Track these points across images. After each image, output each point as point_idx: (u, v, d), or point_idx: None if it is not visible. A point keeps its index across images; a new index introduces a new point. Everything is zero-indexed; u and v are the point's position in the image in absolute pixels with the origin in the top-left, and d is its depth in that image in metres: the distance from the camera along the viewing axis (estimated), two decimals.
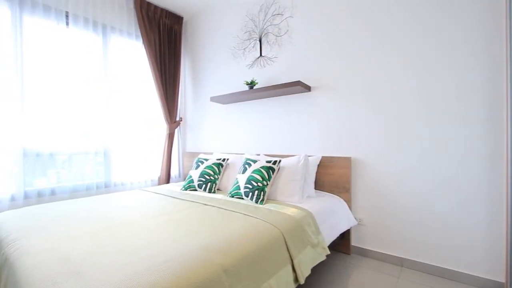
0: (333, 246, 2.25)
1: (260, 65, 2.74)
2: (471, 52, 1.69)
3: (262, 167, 2.02)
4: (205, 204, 1.89)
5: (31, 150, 2.32)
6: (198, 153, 3.33)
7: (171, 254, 1.06)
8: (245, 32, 2.87)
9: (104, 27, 2.81)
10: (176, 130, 3.49)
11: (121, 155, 2.93)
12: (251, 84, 2.58)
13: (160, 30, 3.21)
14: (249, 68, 2.84)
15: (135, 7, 2.98)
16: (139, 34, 3.06)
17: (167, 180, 3.28)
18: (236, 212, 1.68)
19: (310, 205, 1.86)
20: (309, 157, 2.25)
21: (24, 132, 2.26)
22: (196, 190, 2.40)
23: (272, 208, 1.75)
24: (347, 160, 2.15)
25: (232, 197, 2.09)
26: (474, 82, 1.69)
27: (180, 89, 3.55)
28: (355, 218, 2.17)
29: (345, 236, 2.21)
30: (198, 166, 2.51)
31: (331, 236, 1.83)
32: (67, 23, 2.54)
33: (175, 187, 2.63)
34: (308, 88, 2.35)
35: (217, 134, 3.21)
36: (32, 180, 2.35)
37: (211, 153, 3.17)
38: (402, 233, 1.97)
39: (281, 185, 2.02)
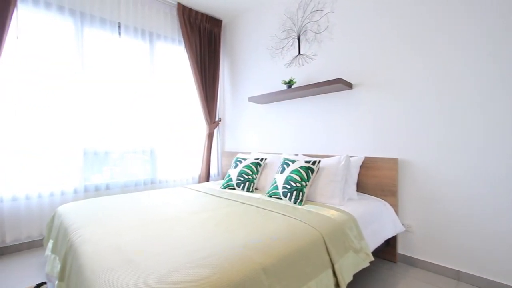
0: (377, 253, 2.11)
1: (299, 64, 2.69)
2: None
3: (301, 167, 1.98)
4: (244, 203, 1.91)
5: (89, 149, 2.59)
6: (237, 153, 3.39)
7: (213, 250, 1.09)
8: (283, 31, 2.85)
9: (150, 35, 3.02)
10: (215, 130, 3.61)
11: (165, 154, 3.13)
12: (289, 83, 2.55)
13: (201, 34, 3.34)
14: (287, 67, 2.81)
15: (178, 14, 3.14)
16: (182, 39, 3.23)
17: (207, 178, 3.41)
18: (274, 212, 1.67)
19: (352, 208, 1.77)
20: (350, 158, 2.15)
21: (84, 134, 2.54)
22: (234, 188, 2.45)
23: (311, 210, 1.71)
24: (394, 161, 2.00)
25: (270, 197, 2.09)
26: None
27: (219, 90, 3.66)
28: (403, 224, 2.01)
29: (390, 243, 2.06)
30: (236, 166, 2.56)
31: (375, 242, 1.72)
32: (120, 33, 2.79)
33: (215, 185, 2.71)
34: (349, 86, 2.24)
35: (255, 134, 3.24)
36: (90, 176, 2.63)
37: (249, 153, 3.20)
38: (459, 243, 1.77)
39: (320, 186, 1.96)
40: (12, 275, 1.85)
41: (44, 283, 1.72)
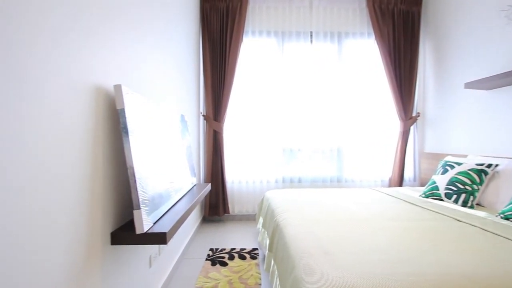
0: None
1: None
2: None
3: None
4: (459, 220, 1.47)
5: (286, 147, 3.06)
6: (443, 155, 2.69)
7: (420, 269, 0.90)
8: None
9: (339, 35, 3.07)
10: (411, 128, 3.08)
11: (352, 153, 3.08)
12: None
13: (394, 20, 2.96)
14: None
15: (367, 6, 2.96)
16: (371, 31, 3.01)
17: (400, 183, 2.97)
18: None
19: None
20: None
21: (282, 134, 3.02)
22: (441, 200, 1.95)
23: None
24: None
25: (507, 219, 1.46)
26: None
27: (417, 81, 3.08)
28: None
29: None
30: (446, 171, 2.02)
31: None
32: (311, 41, 3.05)
33: (411, 191, 2.29)
34: None
35: (473, 131, 2.41)
36: (286, 169, 3.07)
37: (465, 155, 2.43)
38: None
39: None
40: (237, 236, 2.52)
41: (256, 249, 2.19)
